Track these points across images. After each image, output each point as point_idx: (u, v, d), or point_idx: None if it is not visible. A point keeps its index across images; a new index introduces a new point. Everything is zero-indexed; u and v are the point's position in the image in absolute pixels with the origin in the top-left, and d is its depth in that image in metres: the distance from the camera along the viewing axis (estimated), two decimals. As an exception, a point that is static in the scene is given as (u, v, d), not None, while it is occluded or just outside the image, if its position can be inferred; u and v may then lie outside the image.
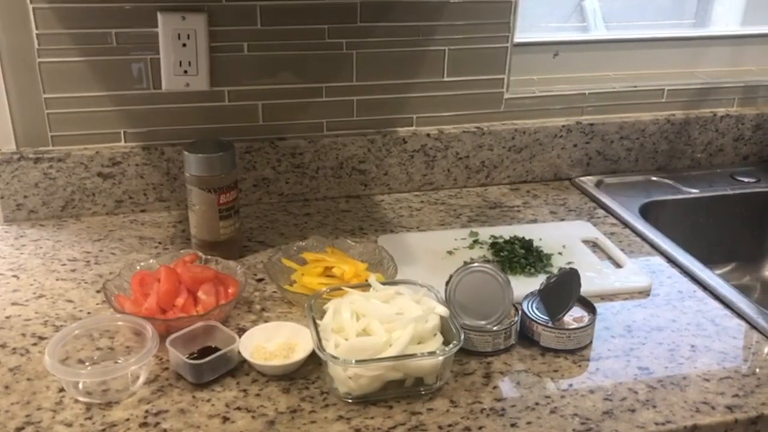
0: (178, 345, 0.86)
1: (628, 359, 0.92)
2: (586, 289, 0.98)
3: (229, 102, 1.25)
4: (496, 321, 0.91)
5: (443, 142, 1.35)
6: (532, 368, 0.90)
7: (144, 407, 0.82)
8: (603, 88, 1.43)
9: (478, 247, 1.16)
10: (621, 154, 1.45)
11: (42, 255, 1.12)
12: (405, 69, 1.31)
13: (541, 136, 1.39)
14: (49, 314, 0.97)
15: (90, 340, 0.91)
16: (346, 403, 0.83)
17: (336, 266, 1.02)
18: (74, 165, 1.20)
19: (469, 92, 1.35)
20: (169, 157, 1.24)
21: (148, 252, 1.14)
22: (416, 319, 0.84)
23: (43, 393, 0.83)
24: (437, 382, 0.85)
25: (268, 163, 1.28)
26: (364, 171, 1.34)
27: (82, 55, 1.17)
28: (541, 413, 0.83)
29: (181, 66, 1.19)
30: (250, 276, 1.07)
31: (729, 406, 0.84)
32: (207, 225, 1.08)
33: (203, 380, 0.85)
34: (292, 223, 1.25)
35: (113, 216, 1.25)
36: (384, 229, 1.23)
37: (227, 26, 1.20)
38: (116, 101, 1.21)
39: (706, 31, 1.58)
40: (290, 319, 0.97)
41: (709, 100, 1.48)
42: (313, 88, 1.28)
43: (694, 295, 1.07)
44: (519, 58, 1.38)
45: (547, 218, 1.29)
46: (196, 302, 0.95)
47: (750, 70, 1.55)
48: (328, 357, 0.81)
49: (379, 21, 1.26)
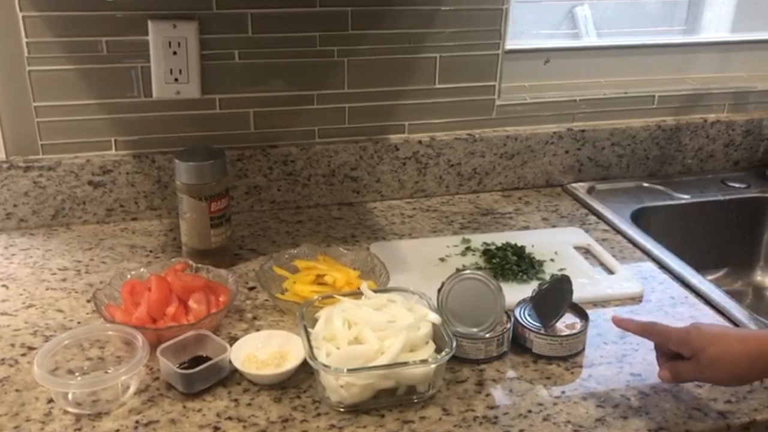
0: (169, 354, 0.86)
1: (620, 366, 0.92)
2: (578, 296, 0.98)
3: (220, 110, 1.25)
4: (489, 328, 0.91)
5: (435, 149, 1.35)
6: (525, 375, 0.90)
7: (134, 418, 0.81)
8: (594, 95, 1.43)
9: (471, 254, 1.16)
10: (612, 161, 1.45)
11: (32, 264, 1.11)
12: (396, 76, 1.31)
13: (533, 143, 1.40)
14: (39, 324, 0.97)
15: (80, 350, 0.90)
16: (338, 412, 0.83)
17: (328, 274, 1.02)
18: (64, 173, 1.20)
19: (461, 99, 1.36)
20: (160, 165, 1.23)
21: (139, 261, 1.13)
22: (408, 326, 0.84)
23: (32, 404, 0.82)
24: (429, 390, 0.85)
25: (260, 170, 1.28)
26: (356, 178, 1.33)
27: (72, 63, 1.16)
28: (533, 421, 0.82)
29: (172, 74, 1.19)
30: (241, 284, 1.06)
31: (721, 412, 0.84)
32: (198, 233, 1.08)
33: (194, 390, 0.84)
34: (284, 231, 1.24)
35: (104, 225, 1.24)
36: (376, 236, 1.23)
37: (218, 34, 1.20)
38: (107, 109, 1.20)
39: (696, 37, 1.58)
40: (282, 327, 0.97)
41: (699, 106, 1.49)
42: (304, 96, 1.28)
43: (686, 301, 1.07)
44: (510, 65, 1.39)
45: (539, 225, 1.29)
46: (186, 311, 0.94)
47: (740, 76, 1.55)
48: (319, 366, 0.81)
49: (371, 28, 1.26)
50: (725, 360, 0.78)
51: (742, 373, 0.79)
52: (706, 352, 0.79)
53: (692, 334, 0.81)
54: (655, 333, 0.85)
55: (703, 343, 0.79)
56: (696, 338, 0.80)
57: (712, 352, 0.79)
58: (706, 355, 0.79)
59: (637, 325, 0.86)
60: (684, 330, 0.82)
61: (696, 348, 0.80)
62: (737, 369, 0.79)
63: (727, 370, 0.79)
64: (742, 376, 0.80)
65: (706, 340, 0.79)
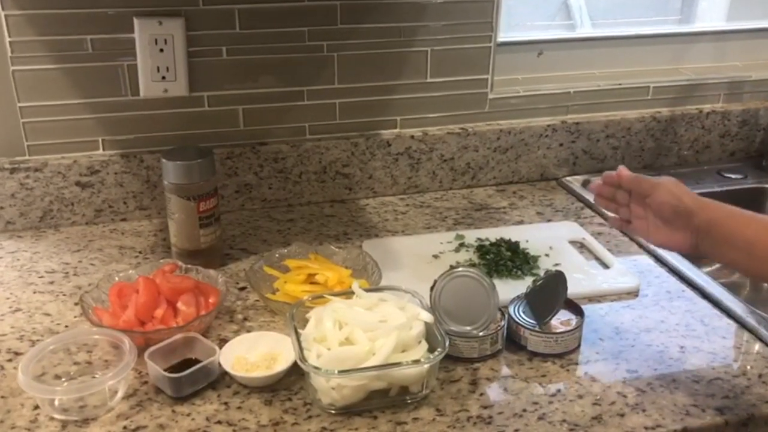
0: (157, 358, 0.84)
1: (617, 362, 0.91)
2: (573, 291, 0.96)
3: (209, 107, 1.23)
4: (482, 326, 0.89)
5: (428, 144, 1.34)
6: (520, 374, 0.89)
7: (122, 423, 0.80)
8: (588, 87, 1.41)
9: (464, 251, 1.14)
10: (607, 153, 1.44)
11: (19, 267, 1.10)
12: (387, 70, 1.29)
13: (527, 136, 1.38)
14: (25, 329, 0.95)
15: (67, 354, 0.88)
16: (330, 414, 0.81)
17: (319, 273, 1.00)
18: (52, 174, 1.18)
19: (453, 93, 1.34)
20: (149, 164, 1.21)
21: (128, 262, 1.11)
22: (400, 326, 0.83)
23: (18, 411, 0.81)
24: (423, 390, 0.83)
25: (250, 168, 1.26)
26: (348, 175, 1.32)
27: (57, 63, 1.14)
28: (528, 420, 0.81)
29: (159, 72, 1.17)
30: (232, 285, 1.05)
31: (719, 408, 0.83)
32: (187, 233, 1.06)
33: (183, 394, 0.83)
34: (276, 230, 1.23)
35: (93, 226, 1.22)
36: (369, 233, 1.21)
37: (205, 30, 1.18)
38: (93, 109, 1.18)
39: (691, 27, 1.57)
40: (273, 328, 0.95)
41: (694, 96, 1.47)
42: (294, 92, 1.26)
43: (683, 295, 1.05)
44: (503, 57, 1.37)
45: (534, 219, 1.27)
46: (175, 313, 0.93)
47: (735, 65, 1.54)
48: (309, 368, 0.79)
49: (360, 22, 1.24)
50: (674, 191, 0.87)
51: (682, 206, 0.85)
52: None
53: None
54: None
55: None
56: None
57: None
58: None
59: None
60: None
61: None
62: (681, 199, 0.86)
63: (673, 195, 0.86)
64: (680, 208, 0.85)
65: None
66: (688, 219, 0.85)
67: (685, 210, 0.85)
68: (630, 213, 0.92)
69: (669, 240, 0.88)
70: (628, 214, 0.92)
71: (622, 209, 0.93)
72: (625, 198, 0.92)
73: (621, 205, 0.93)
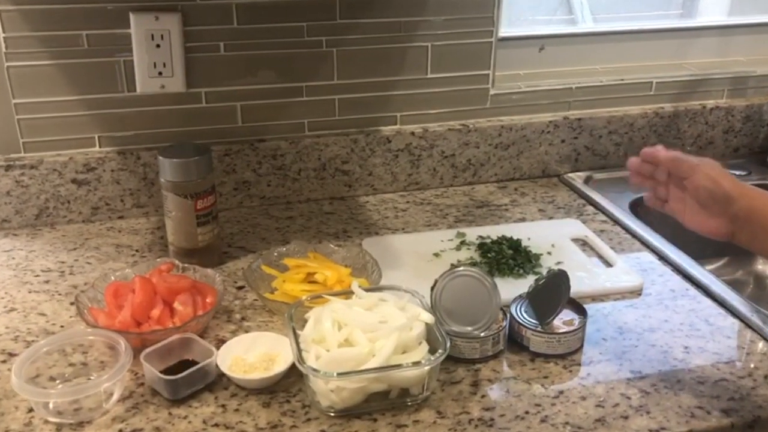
0: (154, 359, 0.83)
1: (620, 363, 0.89)
2: (576, 290, 0.95)
3: (206, 103, 1.21)
4: (484, 326, 0.88)
5: (428, 141, 1.32)
6: (522, 375, 0.87)
7: (118, 426, 0.78)
8: (590, 82, 1.40)
9: (465, 249, 1.13)
10: (610, 149, 1.42)
11: (14, 266, 1.08)
12: (387, 66, 1.27)
13: (528, 133, 1.36)
14: (20, 329, 0.94)
15: (62, 355, 0.87)
16: (329, 416, 0.80)
17: (318, 272, 0.99)
18: (47, 172, 1.17)
19: (454, 89, 1.32)
20: (146, 161, 1.20)
21: (125, 260, 1.10)
22: (400, 327, 0.81)
23: (12, 413, 0.80)
24: (423, 392, 0.82)
25: (249, 165, 1.25)
26: (347, 172, 1.30)
27: (52, 58, 1.13)
28: (531, 422, 0.80)
29: (156, 67, 1.15)
30: (230, 284, 1.03)
31: (725, 409, 0.82)
32: (184, 232, 1.05)
33: (179, 396, 0.81)
34: (274, 227, 1.21)
35: (89, 224, 1.21)
36: (368, 231, 1.20)
37: (203, 26, 1.17)
38: (89, 105, 1.17)
39: (693, 22, 1.55)
40: (272, 328, 0.94)
41: (698, 92, 1.46)
42: (293, 88, 1.24)
43: (687, 294, 1.04)
44: (504, 52, 1.35)
45: (536, 216, 1.26)
46: (172, 314, 0.91)
47: (738, 60, 1.52)
48: (308, 370, 0.78)
49: (359, 17, 1.23)
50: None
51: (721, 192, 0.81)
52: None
53: None
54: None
55: None
56: None
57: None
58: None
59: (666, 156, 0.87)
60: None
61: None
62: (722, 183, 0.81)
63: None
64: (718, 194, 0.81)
65: None
66: (726, 205, 0.80)
67: (723, 196, 0.80)
68: (667, 193, 0.87)
69: (704, 226, 0.83)
70: (665, 193, 0.87)
71: (660, 188, 0.87)
72: (664, 176, 0.86)
73: (659, 183, 0.87)
